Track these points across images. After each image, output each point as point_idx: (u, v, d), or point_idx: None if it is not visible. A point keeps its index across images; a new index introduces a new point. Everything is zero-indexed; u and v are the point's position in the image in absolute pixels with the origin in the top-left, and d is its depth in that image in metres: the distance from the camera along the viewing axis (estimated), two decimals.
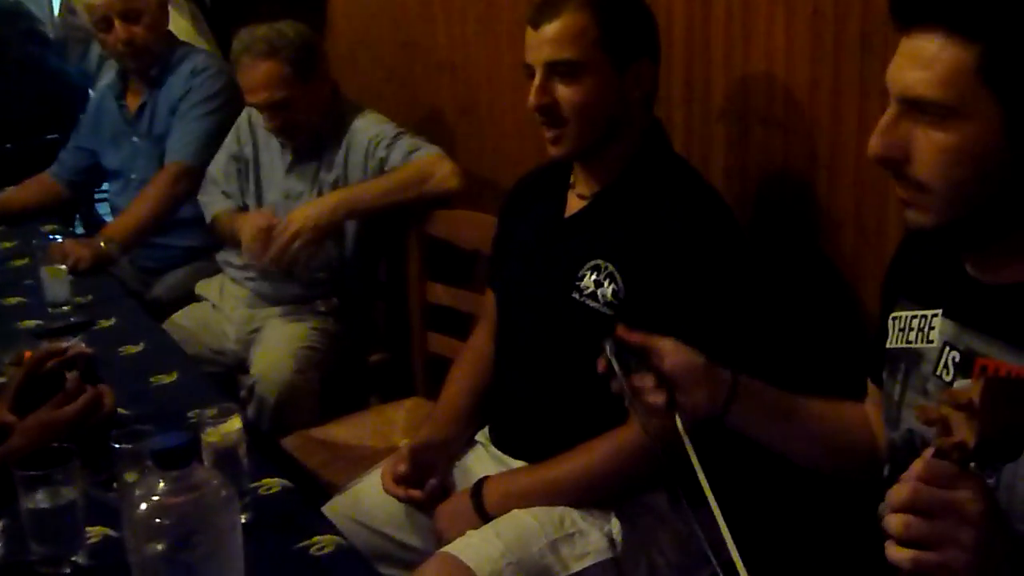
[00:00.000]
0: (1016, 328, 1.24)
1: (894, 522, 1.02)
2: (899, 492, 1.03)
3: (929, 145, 1.21)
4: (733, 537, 1.22)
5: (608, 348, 1.44)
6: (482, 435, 2.10)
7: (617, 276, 1.84)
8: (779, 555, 1.91)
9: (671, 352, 1.45)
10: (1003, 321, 1.26)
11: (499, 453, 2.03)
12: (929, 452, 1.03)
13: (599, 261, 1.87)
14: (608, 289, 1.85)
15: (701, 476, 1.31)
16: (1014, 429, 1.00)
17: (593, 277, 1.87)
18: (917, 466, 1.03)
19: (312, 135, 2.80)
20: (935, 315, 1.36)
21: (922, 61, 1.20)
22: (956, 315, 1.33)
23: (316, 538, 1.57)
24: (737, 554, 1.19)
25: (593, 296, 1.86)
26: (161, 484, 1.23)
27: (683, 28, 2.19)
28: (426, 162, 2.67)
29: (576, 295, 1.88)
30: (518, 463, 1.97)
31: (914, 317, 1.40)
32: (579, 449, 1.86)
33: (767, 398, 1.52)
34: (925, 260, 1.41)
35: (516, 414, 2.03)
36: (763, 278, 2.00)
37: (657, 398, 1.43)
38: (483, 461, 2.04)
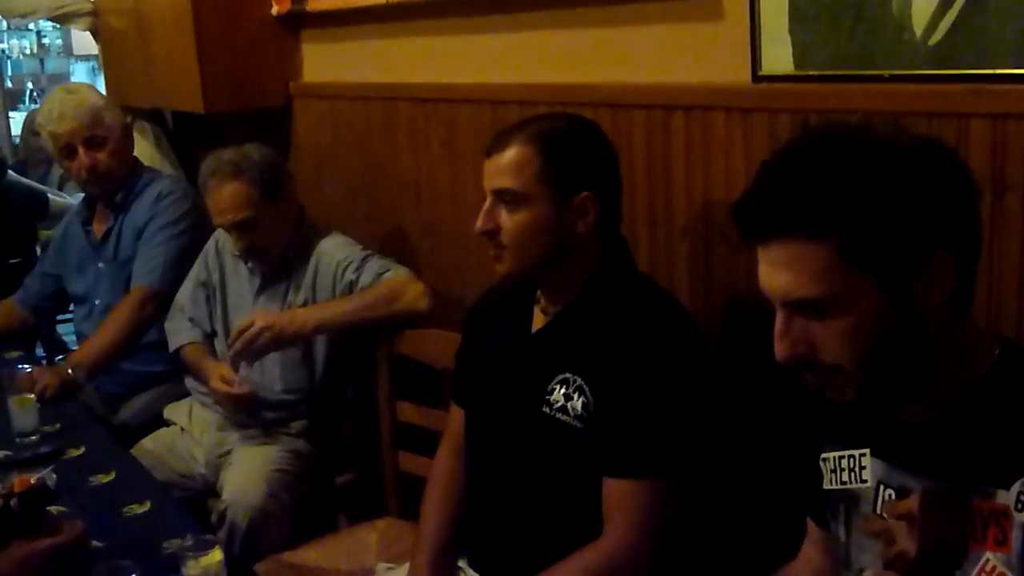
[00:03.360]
0: (939, 462, 1.28)
1: None
2: None
3: (828, 334, 1.27)
4: None
5: None
6: (462, 561, 2.10)
7: (586, 389, 1.87)
8: None
9: None
10: (927, 456, 1.30)
11: (475, 574, 2.03)
12: None
13: (567, 375, 1.90)
14: (578, 402, 1.87)
15: None
16: (952, 539, 1.04)
17: (563, 391, 1.89)
18: None
19: (279, 257, 2.83)
20: (863, 455, 1.41)
21: (788, 265, 1.26)
22: (883, 454, 1.38)
23: None
24: None
25: (563, 410, 1.89)
26: None
27: (644, 148, 2.26)
28: (397, 282, 2.71)
29: (547, 409, 1.90)
30: None
31: (843, 458, 1.44)
32: (555, 568, 1.86)
33: None
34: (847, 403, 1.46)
35: (490, 532, 2.03)
36: (724, 388, 2.04)
37: None
38: None
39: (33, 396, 2.62)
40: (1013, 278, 1.65)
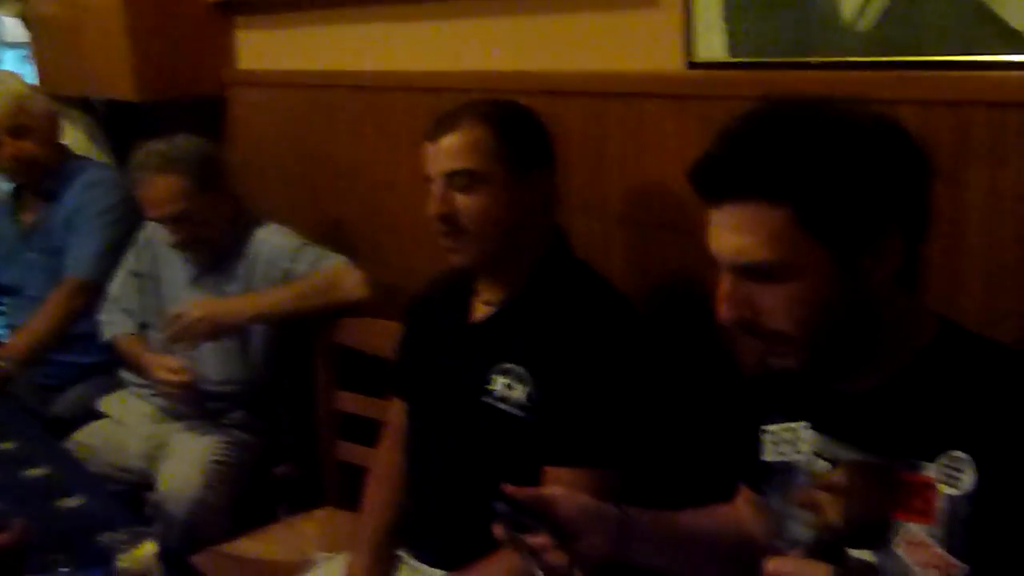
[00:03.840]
0: (871, 434, 1.31)
1: None
2: None
3: (774, 299, 1.28)
4: None
5: (500, 510, 1.42)
6: (402, 550, 2.10)
7: (529, 378, 1.87)
8: None
9: (562, 500, 1.45)
10: (860, 429, 1.33)
11: (418, 564, 2.03)
12: (773, 560, 1.08)
13: (508, 364, 1.90)
14: (520, 392, 1.88)
15: None
16: (877, 511, 1.06)
17: (503, 381, 1.90)
18: (768, 569, 1.09)
19: (215, 248, 2.80)
20: (802, 427, 1.43)
21: (740, 229, 1.27)
22: (820, 426, 1.40)
23: None
24: None
25: (504, 399, 1.89)
26: None
27: (580, 136, 2.27)
28: (333, 272, 2.69)
29: (487, 399, 1.91)
30: (436, 572, 1.98)
31: (784, 430, 1.47)
32: (495, 557, 1.86)
33: (655, 526, 1.55)
34: (788, 375, 1.46)
35: (431, 521, 2.03)
36: (666, 373, 2.06)
37: (558, 556, 1.42)
38: None
39: None
40: (935, 262, 1.67)
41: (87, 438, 2.91)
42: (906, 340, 1.32)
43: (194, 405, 2.79)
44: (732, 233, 1.28)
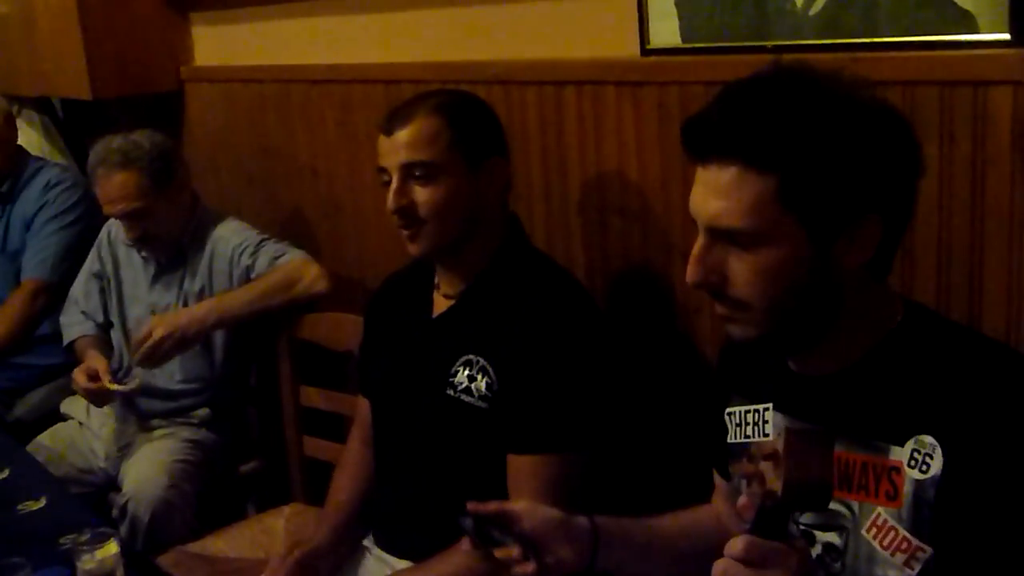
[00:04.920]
0: (840, 417, 1.31)
1: None
2: (716, 569, 1.09)
3: (743, 268, 1.27)
4: None
5: (466, 525, 1.41)
6: (368, 540, 2.10)
7: (489, 369, 1.88)
8: None
9: (528, 514, 1.44)
10: (825, 411, 1.33)
11: (383, 554, 2.03)
12: (742, 537, 1.09)
13: (471, 356, 1.90)
14: (482, 383, 1.88)
15: None
16: (816, 474, 1.07)
17: (466, 372, 1.90)
18: (734, 545, 1.09)
19: (174, 245, 2.78)
20: (766, 409, 1.44)
21: (723, 191, 1.25)
22: (784, 408, 1.41)
23: None
24: None
25: (467, 391, 1.89)
26: None
27: (537, 125, 2.27)
28: (292, 267, 2.68)
29: (450, 391, 1.91)
30: (403, 563, 1.98)
31: (748, 412, 1.47)
32: (458, 546, 1.87)
33: (628, 534, 1.54)
34: (752, 358, 1.48)
35: (398, 513, 2.03)
36: (625, 361, 2.06)
37: (526, 568, 1.41)
38: (369, 568, 2.04)
39: None
40: None
41: (50, 441, 2.88)
42: (872, 324, 1.32)
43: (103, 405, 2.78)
44: (713, 195, 1.26)
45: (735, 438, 1.50)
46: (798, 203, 1.23)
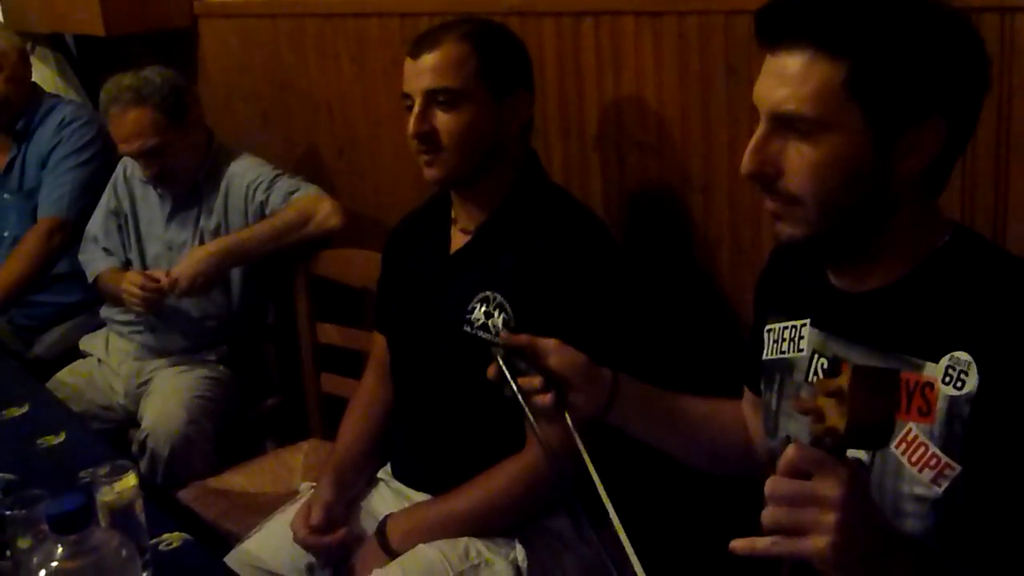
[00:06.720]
0: (874, 332, 1.30)
1: (764, 514, 1.07)
2: (767, 487, 1.08)
3: (800, 159, 1.25)
4: (636, 551, 1.24)
5: (497, 353, 1.46)
6: (383, 472, 2.11)
7: (506, 305, 1.87)
8: (681, 565, 1.96)
9: (555, 350, 1.48)
10: (863, 327, 1.32)
11: (401, 486, 2.04)
12: (792, 447, 1.08)
13: (488, 292, 1.89)
14: (499, 319, 1.87)
15: (597, 480, 1.31)
16: (881, 415, 1.06)
17: (483, 309, 1.89)
18: (782, 460, 1.08)
19: (189, 182, 2.77)
20: (804, 325, 1.42)
21: (790, 78, 1.24)
22: (822, 324, 1.39)
23: None
24: (641, 571, 1.21)
25: (484, 327, 1.88)
26: (59, 549, 1.21)
27: (554, 58, 2.24)
28: (306, 203, 2.67)
29: (468, 328, 1.90)
30: (420, 495, 1.98)
31: (785, 328, 1.46)
32: (479, 479, 1.88)
33: (647, 397, 1.57)
34: (791, 274, 1.47)
35: (415, 448, 2.04)
36: (645, 294, 2.05)
37: (545, 398, 1.44)
38: (385, 498, 2.05)
39: None
40: None
41: (70, 378, 2.90)
42: (919, 241, 1.30)
43: (169, 328, 2.79)
44: (779, 81, 1.24)
45: (770, 355, 1.49)
46: (866, 93, 1.21)
